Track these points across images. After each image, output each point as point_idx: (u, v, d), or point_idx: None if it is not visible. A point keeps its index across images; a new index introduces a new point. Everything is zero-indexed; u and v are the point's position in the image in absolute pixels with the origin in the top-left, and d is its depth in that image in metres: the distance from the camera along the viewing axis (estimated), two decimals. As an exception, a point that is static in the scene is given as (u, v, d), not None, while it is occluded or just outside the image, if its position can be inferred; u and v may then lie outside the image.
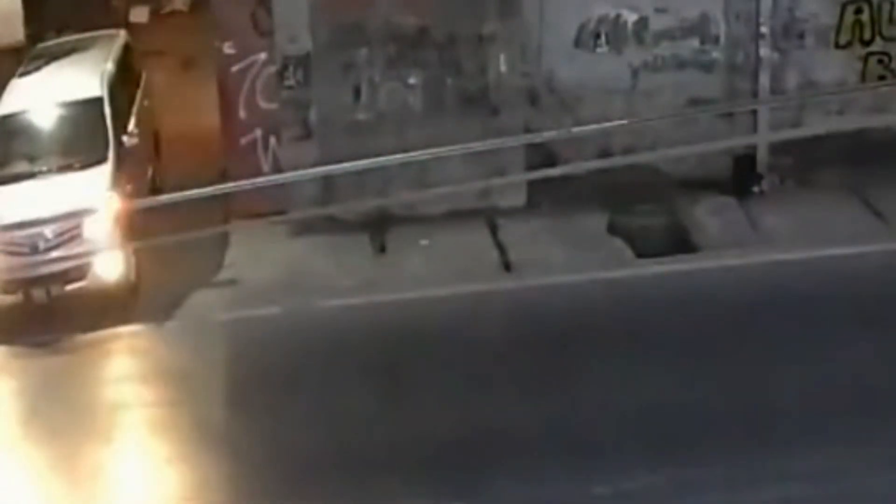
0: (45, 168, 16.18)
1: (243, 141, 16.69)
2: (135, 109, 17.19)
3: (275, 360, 14.33)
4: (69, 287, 15.52)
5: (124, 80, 17.33)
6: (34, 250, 15.40)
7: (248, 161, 16.47)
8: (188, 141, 17.93)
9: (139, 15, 20.92)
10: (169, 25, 20.59)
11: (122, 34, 18.39)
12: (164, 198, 8.58)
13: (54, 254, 15.31)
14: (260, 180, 11.82)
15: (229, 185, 11.19)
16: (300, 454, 12.80)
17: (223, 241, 16.16)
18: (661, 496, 12.23)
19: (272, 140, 16.69)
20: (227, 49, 16.39)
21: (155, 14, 20.94)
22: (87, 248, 15.30)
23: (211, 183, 12.43)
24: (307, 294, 15.36)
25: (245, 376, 14.19)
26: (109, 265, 15.63)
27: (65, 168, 16.07)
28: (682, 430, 12.88)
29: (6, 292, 15.73)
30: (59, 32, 20.22)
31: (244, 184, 11.55)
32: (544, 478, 12.45)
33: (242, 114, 16.57)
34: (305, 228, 16.24)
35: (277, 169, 16.47)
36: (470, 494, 12.37)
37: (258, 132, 16.70)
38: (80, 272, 15.56)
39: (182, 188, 10.78)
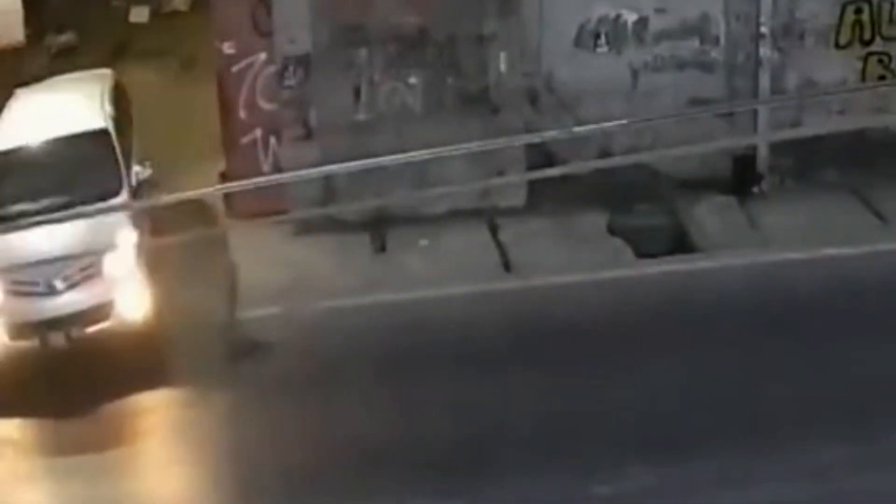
0: (54, 204, 14.50)
1: (243, 141, 16.69)
2: (135, 141, 16.22)
3: (276, 363, 14.31)
4: (91, 329, 14.25)
5: (121, 113, 16.41)
6: (51, 290, 14.27)
7: (248, 161, 16.47)
8: (188, 142, 17.94)
9: (139, 15, 20.92)
10: (169, 25, 20.58)
11: (110, 73, 17.35)
12: (165, 198, 8.58)
13: (73, 293, 14.28)
14: (260, 180, 11.83)
15: (229, 185, 11.17)
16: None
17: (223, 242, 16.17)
18: (661, 496, 12.23)
19: (272, 140, 16.68)
20: (227, 49, 16.39)
21: (155, 14, 20.93)
22: (109, 285, 14.26)
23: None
24: (307, 294, 15.36)
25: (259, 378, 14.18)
26: (133, 303, 14.39)
27: (76, 203, 14.26)
28: (681, 430, 12.88)
29: (19, 338, 14.33)
30: (59, 32, 20.24)
31: (244, 184, 11.55)
32: (544, 477, 12.45)
33: (242, 114, 16.56)
34: (305, 228, 16.24)
35: (277, 169, 16.47)
36: (470, 494, 12.38)
37: (258, 132, 16.69)
38: (103, 312, 14.30)
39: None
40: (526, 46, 16.56)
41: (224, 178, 16.29)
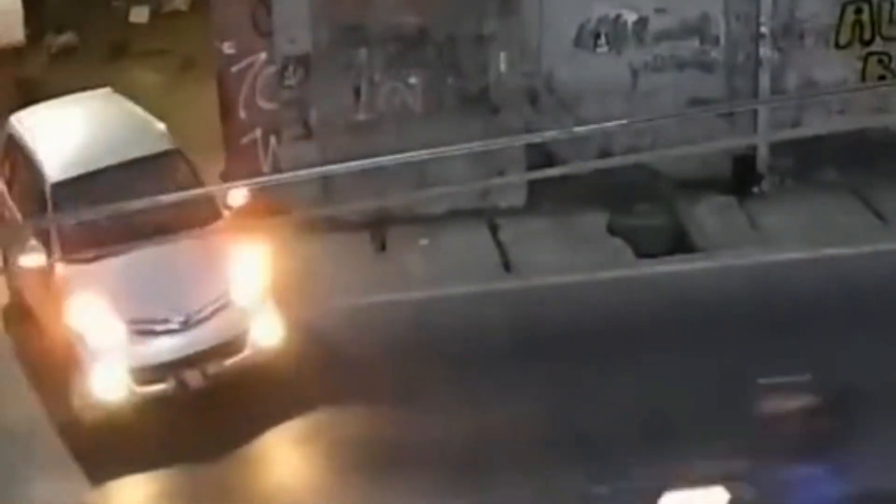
0: (148, 233, 12.53)
1: (243, 141, 16.68)
2: None
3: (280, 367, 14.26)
4: (228, 363, 13.27)
5: None
6: (185, 325, 13.20)
7: (248, 161, 16.47)
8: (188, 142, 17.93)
9: (139, 15, 20.90)
10: (169, 25, 20.56)
11: (110, 90, 16.02)
12: (165, 198, 8.58)
13: (208, 325, 13.25)
14: (260, 180, 11.82)
15: (229, 185, 11.17)
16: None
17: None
18: (660, 496, 12.22)
19: (272, 140, 16.68)
20: (227, 49, 16.38)
21: (155, 14, 20.92)
22: (241, 313, 13.40)
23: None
24: (307, 294, 15.35)
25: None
26: (269, 329, 13.54)
27: (173, 230, 12.67)
28: (681, 430, 12.89)
29: (151, 382, 13.12)
30: (59, 32, 20.24)
31: (244, 184, 11.55)
32: (543, 477, 12.46)
33: (242, 114, 16.55)
34: (305, 228, 16.23)
35: (277, 169, 16.46)
36: (469, 493, 12.39)
37: (258, 132, 16.68)
38: (239, 343, 13.33)
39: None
40: (526, 46, 16.56)
41: (224, 178, 16.29)
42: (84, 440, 13.14)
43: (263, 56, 16.41)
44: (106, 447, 12.93)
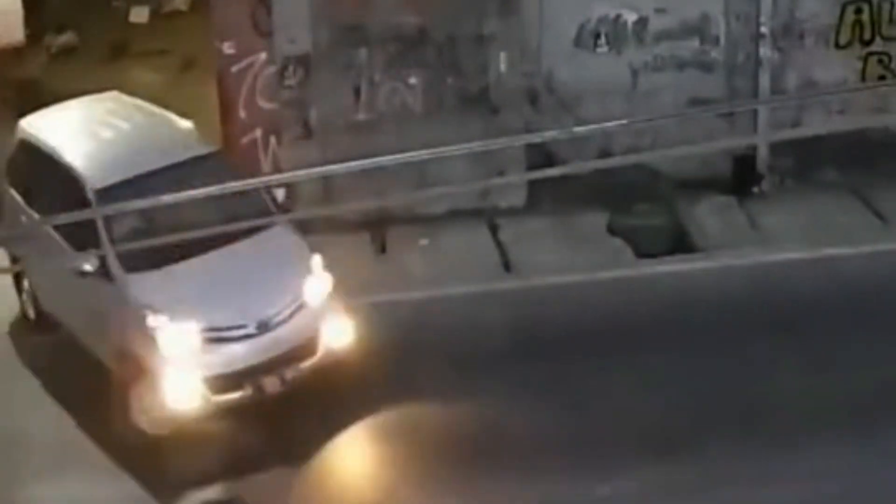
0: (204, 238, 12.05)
1: (243, 141, 16.68)
2: None
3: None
4: (303, 366, 13.01)
5: None
6: (262, 330, 12.90)
7: (248, 161, 16.46)
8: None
9: (139, 15, 20.90)
10: (169, 25, 20.56)
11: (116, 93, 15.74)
12: (165, 198, 8.56)
13: (284, 329, 12.97)
14: (260, 180, 11.81)
15: (229, 185, 11.13)
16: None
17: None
18: (661, 496, 12.24)
19: (272, 140, 16.67)
20: (227, 49, 16.37)
21: (155, 14, 20.92)
22: (313, 315, 13.17)
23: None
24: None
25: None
26: (340, 330, 13.37)
27: (230, 235, 12.75)
28: (681, 430, 12.89)
29: (227, 390, 12.74)
30: (59, 32, 20.23)
31: (244, 184, 11.54)
32: (544, 477, 12.46)
33: (242, 114, 16.55)
34: (305, 228, 16.23)
35: (277, 169, 16.46)
36: (470, 492, 12.38)
37: (258, 132, 16.68)
38: (312, 346, 13.12)
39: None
40: (526, 46, 16.55)
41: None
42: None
43: (263, 56, 16.41)
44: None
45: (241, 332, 12.86)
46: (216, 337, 12.81)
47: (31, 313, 14.84)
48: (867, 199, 16.50)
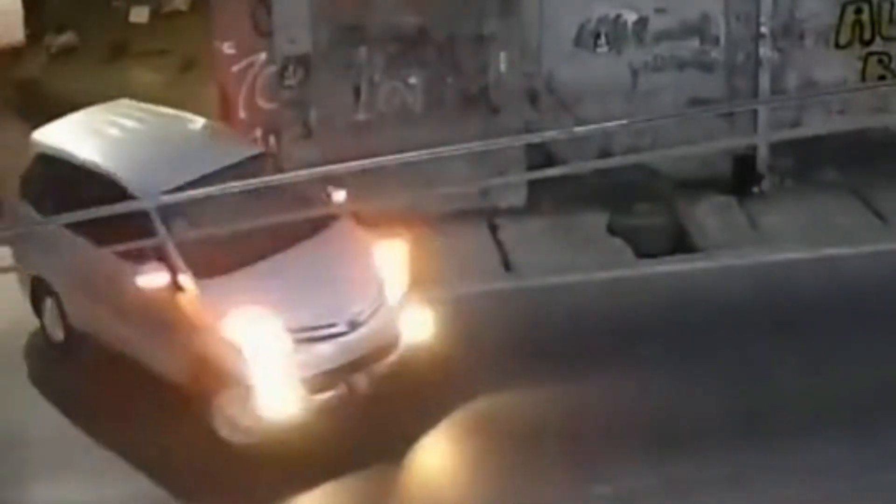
0: (275, 239, 12.80)
1: (243, 141, 16.68)
2: None
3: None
4: (388, 362, 12.91)
5: None
6: (351, 327, 12.73)
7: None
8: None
9: (139, 15, 20.89)
10: (169, 25, 20.55)
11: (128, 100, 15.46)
12: (166, 198, 8.57)
13: (370, 326, 12.81)
14: (260, 180, 11.77)
15: (229, 185, 11.12)
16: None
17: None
18: (661, 496, 12.24)
19: (272, 140, 16.67)
20: (227, 49, 16.37)
21: (155, 14, 20.91)
22: (394, 309, 13.03)
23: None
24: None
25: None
26: (420, 323, 13.25)
27: (297, 234, 13.02)
28: (681, 430, 12.89)
29: (319, 391, 12.54)
30: (59, 32, 20.22)
31: (244, 184, 11.51)
32: (544, 477, 12.47)
33: (242, 114, 16.54)
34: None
35: (277, 169, 16.46)
36: (470, 491, 12.39)
37: (258, 132, 16.66)
38: (397, 340, 13.00)
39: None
40: (526, 46, 16.55)
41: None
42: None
43: (263, 56, 16.40)
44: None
45: (332, 330, 12.67)
46: (308, 337, 12.58)
47: (58, 335, 14.28)
48: (867, 199, 16.50)
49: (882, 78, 17.00)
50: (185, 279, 12.75)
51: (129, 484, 12.67)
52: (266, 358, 12.44)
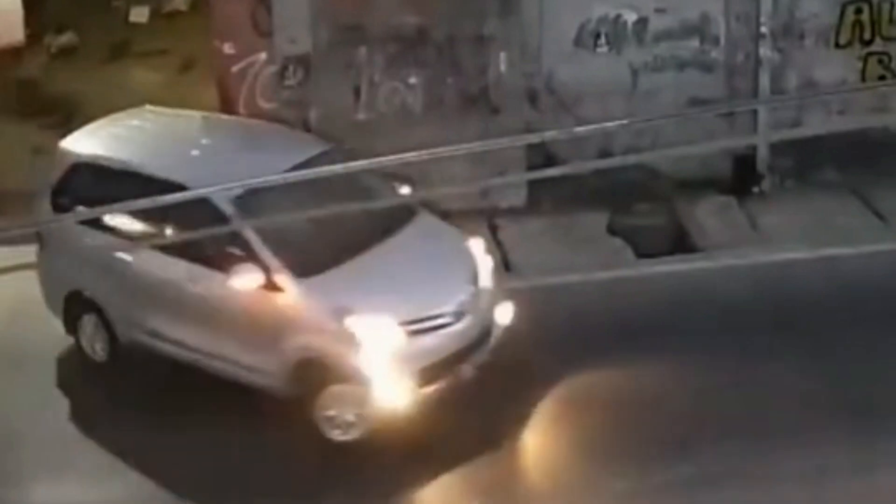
0: (363, 236, 12.94)
1: (243, 141, 16.67)
2: None
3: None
4: (490, 348, 13.01)
5: None
6: (457, 317, 12.74)
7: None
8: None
9: (139, 15, 20.90)
10: (169, 25, 20.57)
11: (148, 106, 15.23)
12: (165, 198, 8.57)
13: (474, 314, 12.87)
14: (260, 180, 11.78)
15: (230, 185, 11.13)
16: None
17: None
18: (660, 495, 12.23)
19: (272, 140, 16.66)
20: (227, 49, 16.38)
21: (155, 14, 20.92)
22: (490, 296, 13.16)
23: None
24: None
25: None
26: (506, 308, 13.35)
27: (384, 229, 13.14)
28: (681, 430, 12.89)
29: (430, 381, 12.52)
30: (59, 32, 20.23)
31: (245, 184, 11.52)
32: (554, 475, 12.49)
33: (242, 114, 16.53)
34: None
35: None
36: (478, 491, 12.40)
37: (258, 132, 16.66)
38: (492, 328, 13.13)
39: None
40: (526, 46, 16.55)
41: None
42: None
43: (263, 56, 16.41)
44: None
45: (440, 321, 12.66)
46: (417, 329, 12.51)
47: (101, 355, 13.89)
48: (867, 199, 16.50)
49: (882, 78, 16.99)
50: (283, 279, 12.61)
51: (130, 484, 12.68)
52: (381, 353, 12.38)
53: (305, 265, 12.67)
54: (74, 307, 13.89)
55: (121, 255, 13.47)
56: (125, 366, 13.75)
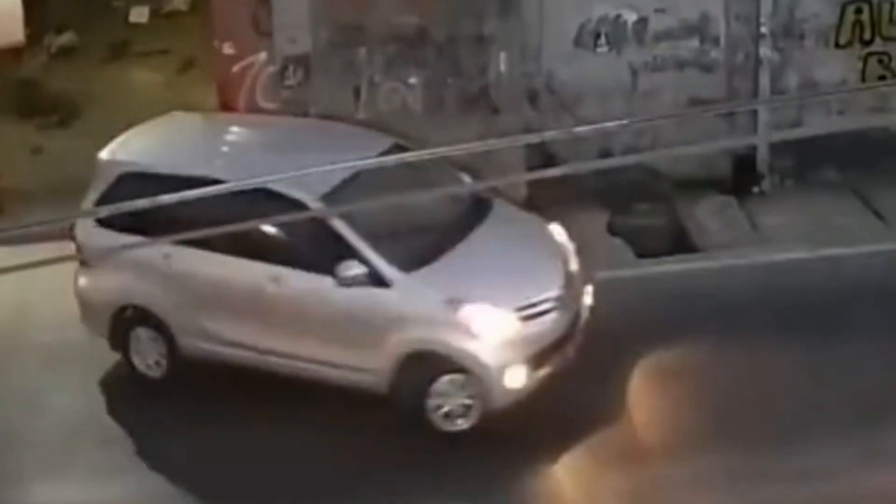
0: (452, 228, 13.21)
1: (244, 141, 16.66)
2: None
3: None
4: (583, 330, 13.20)
5: None
6: (560, 302, 12.92)
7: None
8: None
9: (139, 15, 20.89)
10: (169, 25, 20.56)
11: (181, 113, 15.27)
12: (164, 198, 8.55)
13: (571, 297, 13.07)
14: (261, 180, 11.78)
15: (230, 185, 11.12)
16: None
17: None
18: (659, 495, 12.24)
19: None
20: (227, 49, 16.37)
21: (155, 14, 20.91)
22: (580, 279, 13.36)
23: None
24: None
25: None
26: (589, 296, 13.54)
27: (470, 221, 13.43)
28: (681, 430, 12.89)
29: (539, 366, 12.70)
30: (59, 32, 20.22)
31: (245, 183, 11.52)
32: (555, 473, 12.50)
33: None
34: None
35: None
36: (485, 491, 12.41)
37: (258, 132, 16.66)
38: (583, 310, 13.32)
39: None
40: (526, 46, 16.55)
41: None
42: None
43: (263, 56, 16.40)
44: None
45: (545, 306, 12.78)
46: (529, 314, 12.68)
47: (156, 372, 13.56)
48: (867, 199, 16.50)
49: (882, 78, 16.99)
50: (391, 272, 12.62)
51: (130, 484, 12.69)
52: (498, 339, 12.53)
53: (407, 259, 12.72)
54: (123, 322, 13.56)
55: (182, 264, 13.14)
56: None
